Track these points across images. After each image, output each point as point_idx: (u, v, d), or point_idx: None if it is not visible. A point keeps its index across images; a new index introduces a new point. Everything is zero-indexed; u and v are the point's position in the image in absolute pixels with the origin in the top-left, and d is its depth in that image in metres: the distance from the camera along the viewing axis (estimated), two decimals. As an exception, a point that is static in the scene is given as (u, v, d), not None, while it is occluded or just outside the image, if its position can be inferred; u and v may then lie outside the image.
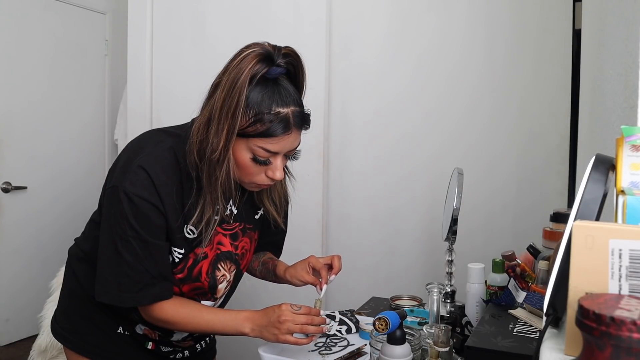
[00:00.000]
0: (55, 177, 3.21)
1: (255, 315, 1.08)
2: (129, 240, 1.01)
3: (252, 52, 0.96)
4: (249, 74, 0.95)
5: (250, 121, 0.97)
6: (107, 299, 1.05)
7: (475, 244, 1.92)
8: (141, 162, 1.01)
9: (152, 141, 1.07)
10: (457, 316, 1.31)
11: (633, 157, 0.61)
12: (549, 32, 1.85)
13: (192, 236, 1.07)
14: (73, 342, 1.21)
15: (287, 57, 0.99)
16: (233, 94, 0.95)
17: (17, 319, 3.01)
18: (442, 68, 2.00)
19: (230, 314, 1.09)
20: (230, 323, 1.08)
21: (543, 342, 0.58)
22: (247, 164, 1.01)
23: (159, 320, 1.08)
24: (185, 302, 1.10)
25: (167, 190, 1.02)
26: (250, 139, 0.98)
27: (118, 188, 1.01)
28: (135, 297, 1.03)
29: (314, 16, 2.11)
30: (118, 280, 1.02)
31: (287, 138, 1.00)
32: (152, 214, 1.01)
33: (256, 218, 1.23)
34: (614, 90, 0.98)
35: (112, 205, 1.02)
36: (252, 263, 1.33)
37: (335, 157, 2.16)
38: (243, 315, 1.08)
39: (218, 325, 1.08)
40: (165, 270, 1.06)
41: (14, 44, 2.96)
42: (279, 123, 0.97)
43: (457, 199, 1.38)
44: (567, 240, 0.55)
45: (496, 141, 1.94)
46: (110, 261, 1.03)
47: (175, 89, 2.32)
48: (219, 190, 1.02)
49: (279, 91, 0.98)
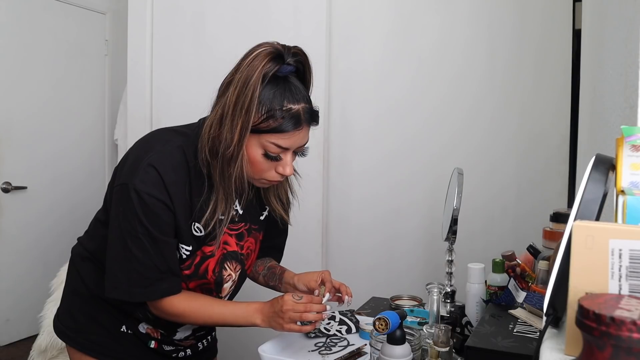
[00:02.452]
0: (56, 177, 3.21)
1: (264, 307, 1.10)
2: (139, 237, 1.02)
3: (263, 50, 0.99)
4: (262, 71, 0.98)
5: (263, 117, 0.99)
6: (117, 295, 1.06)
7: (475, 244, 1.92)
8: (151, 160, 1.03)
9: (161, 140, 1.08)
10: (457, 316, 1.31)
11: (633, 157, 0.61)
12: (549, 32, 1.85)
13: (200, 234, 1.09)
14: (76, 340, 1.21)
15: (296, 56, 1.03)
16: (247, 90, 0.97)
17: (17, 319, 3.01)
18: (443, 69, 2.00)
19: (241, 306, 1.12)
20: (242, 314, 1.10)
21: (543, 342, 0.58)
22: (258, 160, 1.03)
23: (170, 315, 1.10)
24: (196, 295, 1.12)
25: (176, 188, 1.03)
26: (262, 135, 1.00)
27: (128, 186, 1.02)
28: (145, 292, 1.05)
29: (314, 18, 2.11)
30: (128, 276, 1.04)
31: (298, 134, 1.03)
32: (162, 212, 1.02)
33: (261, 219, 1.24)
34: (614, 90, 0.98)
35: (122, 203, 1.03)
36: (257, 267, 1.34)
37: (336, 158, 2.16)
38: (253, 307, 1.11)
39: (229, 316, 1.11)
40: (174, 266, 1.07)
41: (14, 44, 2.96)
42: (291, 119, 1.00)
43: (457, 199, 1.38)
44: (567, 240, 0.55)
45: (496, 141, 1.94)
46: (120, 257, 1.05)
47: (175, 89, 2.32)
48: (232, 186, 1.03)
49: (290, 88, 1.01)
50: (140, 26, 2.36)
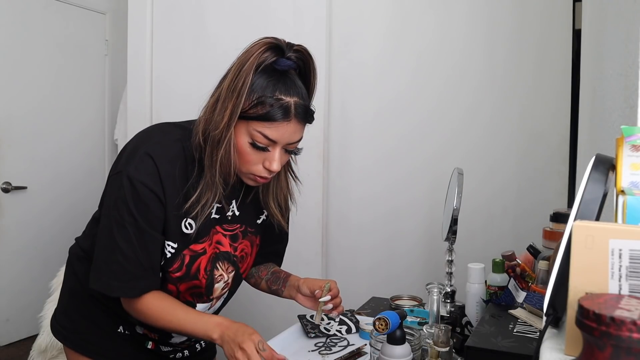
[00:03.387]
0: (56, 177, 3.21)
1: (227, 325, 1.03)
2: (125, 226, 1.01)
3: (263, 40, 1.01)
4: (257, 58, 0.99)
5: (253, 103, 0.99)
6: (98, 286, 1.05)
7: (475, 244, 1.92)
8: (148, 149, 1.02)
9: (160, 132, 1.09)
10: (457, 316, 1.31)
11: (633, 157, 0.61)
12: (549, 32, 1.85)
13: (189, 231, 1.07)
14: (73, 341, 1.21)
15: (297, 53, 1.03)
16: (240, 75, 0.99)
17: (17, 319, 3.01)
18: (443, 68, 1.99)
19: (202, 317, 1.07)
20: (201, 325, 1.05)
21: (543, 342, 0.58)
22: (245, 150, 1.02)
23: (135, 310, 1.07)
24: (165, 296, 1.08)
25: (171, 180, 1.03)
26: (250, 122, 1.00)
27: (122, 173, 1.02)
28: (123, 287, 1.03)
29: (314, 15, 2.11)
30: (110, 268, 1.02)
31: (286, 126, 1.01)
32: (152, 203, 1.02)
33: (258, 222, 1.23)
34: (614, 90, 0.98)
35: (114, 191, 1.03)
36: (260, 272, 1.32)
37: (335, 157, 2.16)
38: (215, 321, 1.05)
39: (188, 325, 1.06)
40: (157, 264, 1.06)
41: (14, 44, 2.96)
42: (279, 109, 0.99)
43: (457, 199, 1.38)
44: (567, 240, 0.55)
45: (496, 141, 1.94)
46: (105, 247, 1.04)
47: (176, 88, 2.32)
48: (217, 170, 1.02)
49: (285, 81, 1.01)
50: (140, 26, 2.36)
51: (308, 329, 1.30)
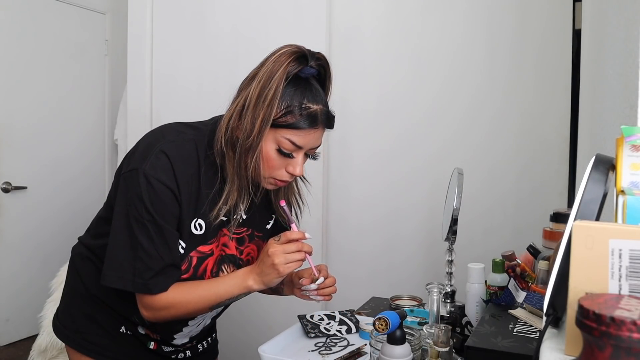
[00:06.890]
0: (56, 177, 3.21)
1: (252, 268, 1.09)
2: (144, 223, 1.01)
3: (289, 49, 1.03)
4: (287, 68, 1.01)
5: (282, 112, 1.01)
6: (121, 284, 1.03)
7: (475, 244, 1.92)
8: (163, 147, 1.03)
9: (174, 131, 1.09)
10: (457, 316, 1.31)
11: (633, 157, 0.61)
12: (549, 32, 1.85)
13: (199, 232, 1.08)
14: (75, 340, 1.20)
15: (319, 61, 1.06)
16: (271, 84, 1.00)
17: (17, 319, 3.01)
18: (442, 68, 2.00)
19: (228, 277, 1.10)
20: (232, 283, 1.09)
21: (543, 342, 0.58)
22: (271, 156, 1.04)
23: (160, 309, 1.05)
24: (180, 284, 1.08)
25: (185, 179, 1.04)
26: (278, 129, 1.02)
27: (138, 171, 1.01)
28: (147, 284, 1.02)
29: (314, 14, 2.10)
30: (133, 265, 1.02)
31: (313, 133, 1.05)
32: (168, 200, 1.02)
33: (267, 227, 1.23)
34: (614, 90, 0.98)
35: (130, 189, 1.02)
36: None
37: (335, 157, 2.16)
38: (242, 272, 1.10)
39: (221, 289, 1.08)
40: (177, 259, 1.06)
41: (14, 43, 2.96)
42: (308, 117, 1.03)
43: (457, 198, 1.38)
44: (567, 240, 0.55)
45: (496, 141, 1.94)
46: (125, 245, 1.03)
47: (176, 88, 2.32)
48: (249, 177, 1.04)
49: (310, 89, 1.04)
50: (140, 26, 2.36)
51: (308, 329, 1.30)
